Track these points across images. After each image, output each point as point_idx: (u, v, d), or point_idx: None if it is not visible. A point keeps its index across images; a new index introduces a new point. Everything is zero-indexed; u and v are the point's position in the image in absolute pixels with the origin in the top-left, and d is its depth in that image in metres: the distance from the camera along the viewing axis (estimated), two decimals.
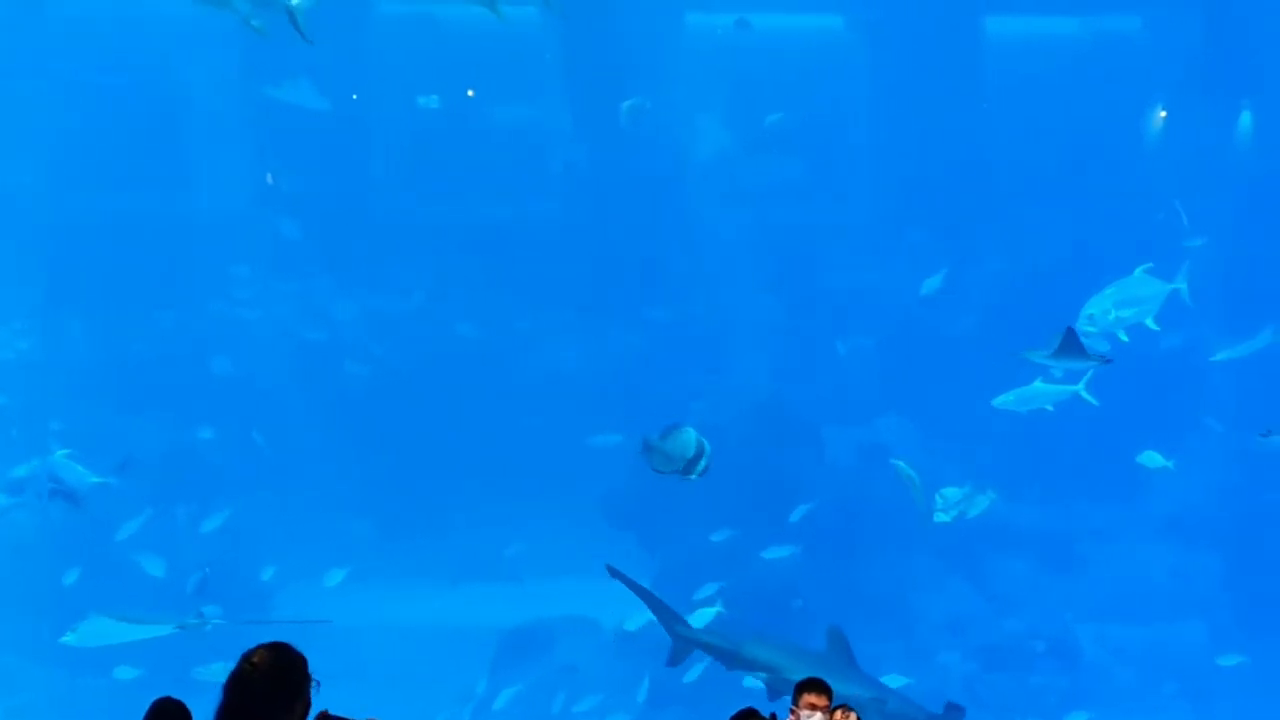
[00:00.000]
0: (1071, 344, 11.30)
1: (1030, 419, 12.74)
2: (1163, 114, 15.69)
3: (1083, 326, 11.88)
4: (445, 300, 15.92)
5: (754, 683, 11.59)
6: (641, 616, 12.46)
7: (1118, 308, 12.17)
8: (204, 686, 4.20)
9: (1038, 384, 12.40)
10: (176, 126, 15.57)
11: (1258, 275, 14.77)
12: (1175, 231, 14.42)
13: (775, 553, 13.83)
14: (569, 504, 14.39)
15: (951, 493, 12.59)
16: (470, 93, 15.85)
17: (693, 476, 10.78)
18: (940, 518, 12.57)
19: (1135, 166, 15.39)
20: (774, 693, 10.97)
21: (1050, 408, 12.51)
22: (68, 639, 11.01)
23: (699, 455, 10.69)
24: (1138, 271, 12.44)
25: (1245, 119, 15.41)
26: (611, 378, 15.19)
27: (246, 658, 3.90)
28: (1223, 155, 15.29)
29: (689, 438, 10.77)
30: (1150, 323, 12.42)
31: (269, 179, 15.73)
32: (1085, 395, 12.23)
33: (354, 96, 15.43)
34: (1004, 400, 12.51)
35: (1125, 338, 12.21)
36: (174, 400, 15.06)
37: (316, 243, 15.52)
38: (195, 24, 13.12)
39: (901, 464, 12.61)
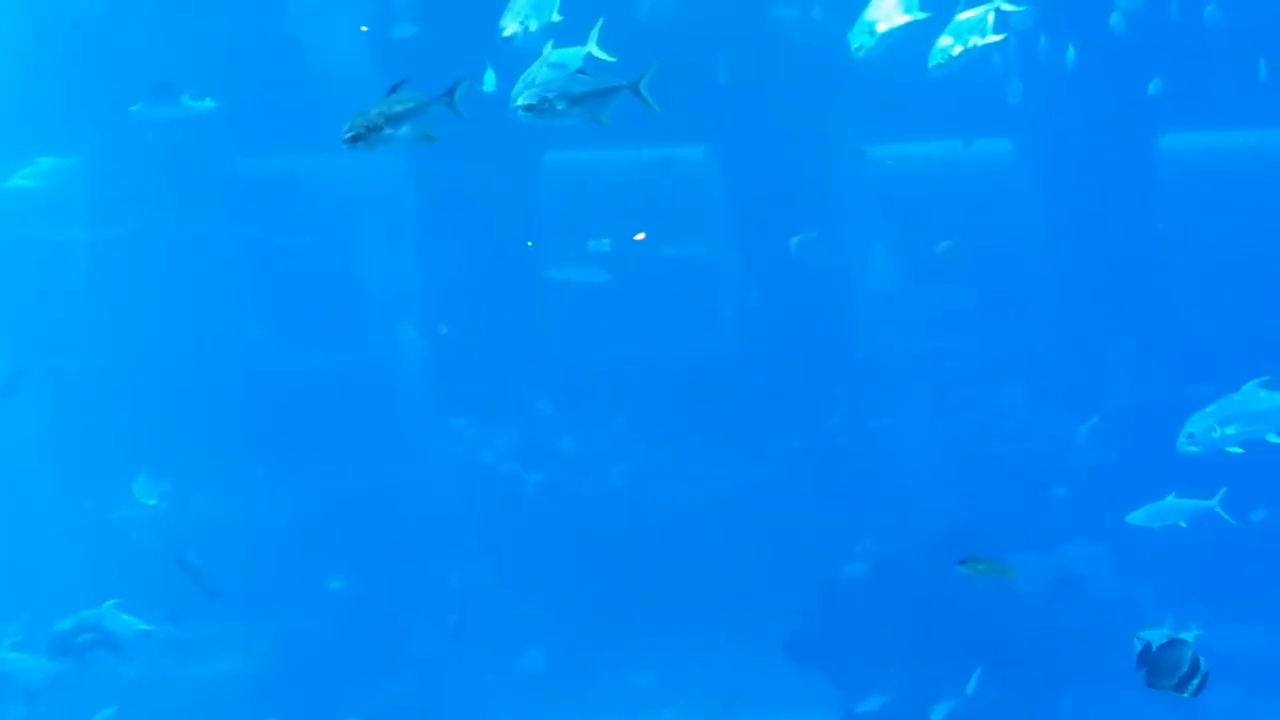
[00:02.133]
0: None
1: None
2: None
3: (1183, 447, 11.47)
4: None
5: None
6: None
7: (1222, 425, 11.58)
8: None
9: (1170, 499, 12.20)
10: None
11: None
12: None
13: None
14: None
15: (1153, 636, 12.12)
16: None
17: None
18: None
19: None
20: None
21: (1184, 524, 12.25)
22: None
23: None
24: (1249, 385, 11.75)
25: None
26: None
27: None
28: None
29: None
30: (1273, 436, 11.71)
31: None
32: (1220, 511, 12.01)
33: None
34: (1137, 517, 12.25)
35: (1240, 449, 11.63)
36: None
37: None
38: None
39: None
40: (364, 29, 15.28)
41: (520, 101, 9.69)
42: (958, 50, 11.57)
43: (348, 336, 15.65)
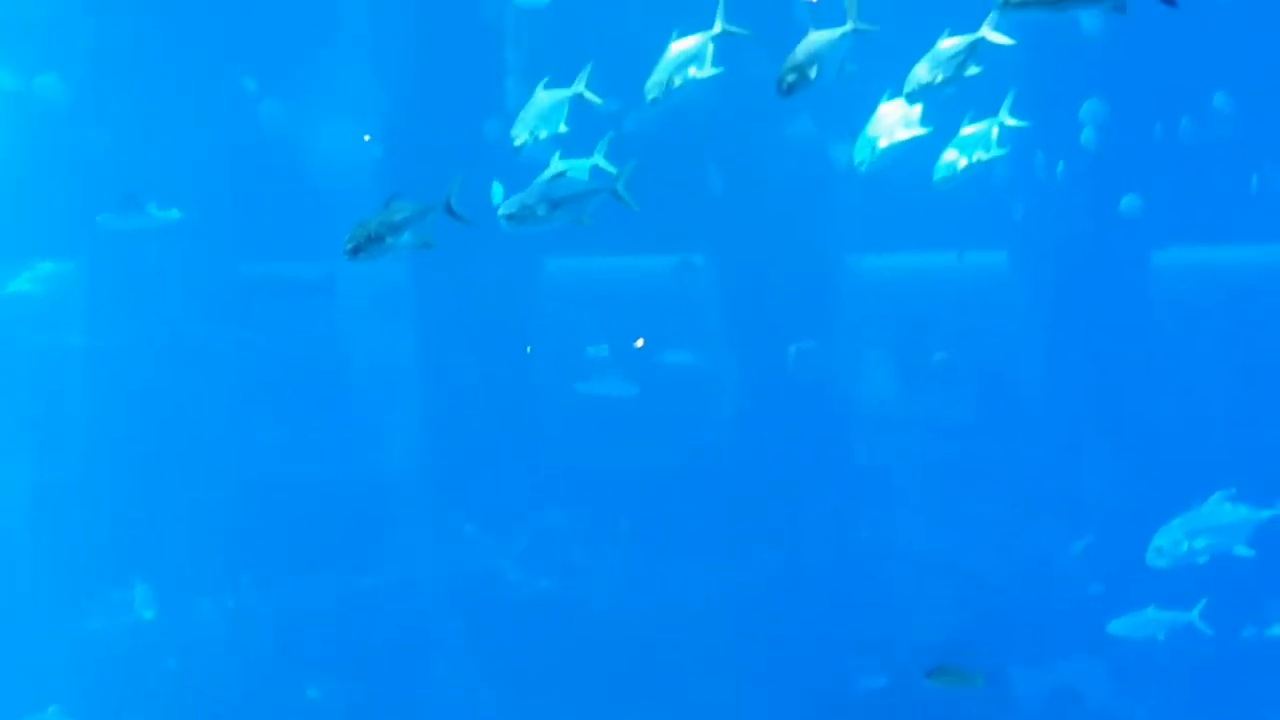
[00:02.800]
0: None
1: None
2: None
3: (1152, 561, 11.61)
4: None
5: None
6: None
7: (1190, 538, 11.77)
8: None
9: (1150, 610, 12.32)
10: None
11: None
12: None
13: None
14: None
15: None
16: None
17: None
18: None
19: None
20: None
21: (1162, 636, 12.37)
22: None
23: None
24: (1216, 497, 11.97)
25: None
26: None
27: None
28: None
29: None
30: (1241, 549, 11.89)
31: None
32: (1199, 624, 12.11)
33: None
34: (1117, 627, 12.42)
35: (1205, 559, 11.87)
36: None
37: None
38: None
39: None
40: (367, 139, 15.38)
41: (502, 211, 9.83)
42: (963, 164, 11.66)
43: (346, 443, 15.60)
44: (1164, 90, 14.50)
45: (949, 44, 10.82)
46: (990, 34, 10.85)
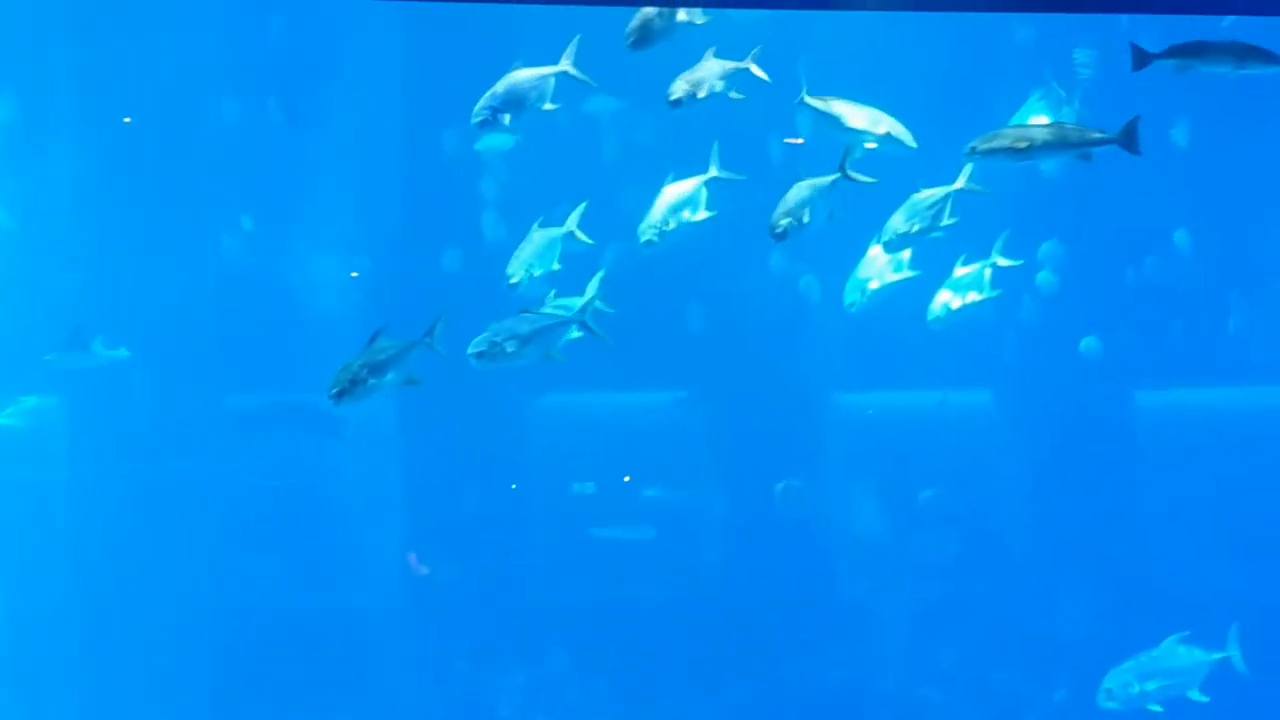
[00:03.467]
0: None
1: None
2: None
3: (1102, 703, 11.61)
4: None
5: None
6: None
7: (1142, 681, 11.78)
8: None
9: None
10: None
11: None
12: None
13: None
14: None
15: None
16: None
17: None
18: None
19: None
20: None
21: None
22: None
23: None
24: (1169, 641, 12.04)
25: None
26: None
27: None
28: None
29: None
30: (1195, 694, 11.66)
31: None
32: None
33: None
34: None
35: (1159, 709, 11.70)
36: None
37: None
38: None
39: None
40: (354, 275, 15.44)
41: (471, 350, 9.86)
42: (956, 304, 11.76)
43: (337, 577, 15.51)
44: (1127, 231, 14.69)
45: (925, 195, 11.02)
46: (965, 185, 11.04)
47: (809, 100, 10.73)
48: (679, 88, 10.96)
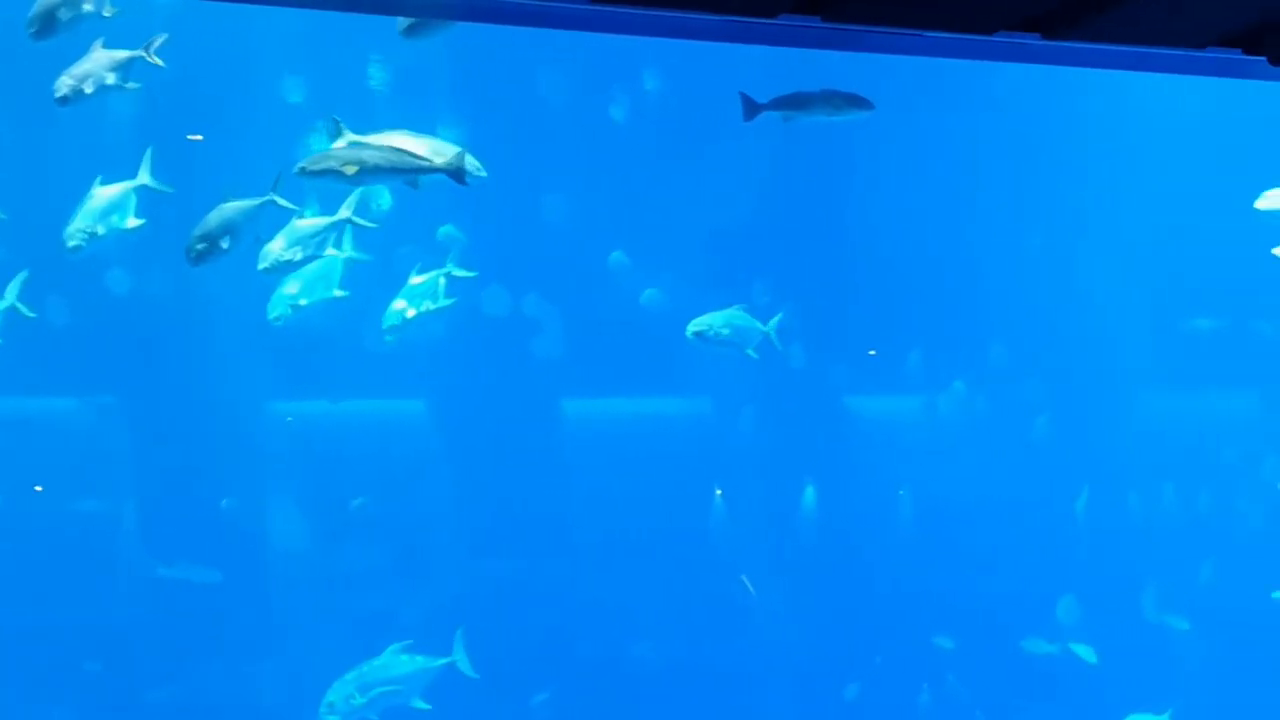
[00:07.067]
0: None
1: None
2: None
3: (324, 716, 11.70)
4: None
5: None
6: None
7: (363, 691, 11.91)
8: None
9: None
10: None
11: None
12: None
13: None
14: None
15: None
16: None
17: None
18: None
19: None
20: None
21: None
22: None
23: None
24: (391, 649, 12.38)
25: None
26: None
27: None
28: None
29: None
30: (419, 702, 12.32)
31: None
32: None
33: None
34: None
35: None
36: None
37: None
38: None
39: None
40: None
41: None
42: (411, 314, 11.98)
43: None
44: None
45: (307, 223, 11.24)
46: (349, 216, 11.35)
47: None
48: (64, 84, 10.69)
